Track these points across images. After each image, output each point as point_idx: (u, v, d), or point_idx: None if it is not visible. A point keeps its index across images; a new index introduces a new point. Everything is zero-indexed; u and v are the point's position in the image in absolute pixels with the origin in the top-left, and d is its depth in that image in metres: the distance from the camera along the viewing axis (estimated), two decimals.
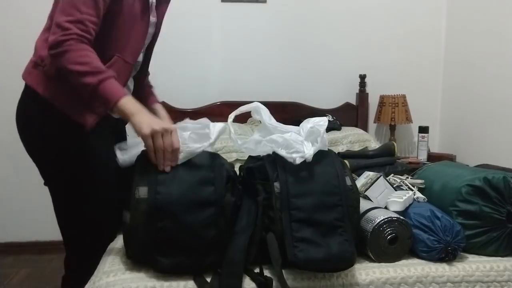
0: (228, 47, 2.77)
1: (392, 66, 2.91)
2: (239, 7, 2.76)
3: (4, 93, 2.65)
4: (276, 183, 1.06)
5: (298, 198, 1.04)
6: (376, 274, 1.07)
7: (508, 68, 2.31)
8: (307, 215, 1.02)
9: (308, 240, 1.00)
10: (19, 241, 2.72)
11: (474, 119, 2.61)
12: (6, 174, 2.70)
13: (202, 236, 1.01)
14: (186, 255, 1.01)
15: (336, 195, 1.05)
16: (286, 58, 2.83)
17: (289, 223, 1.02)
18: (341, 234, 1.02)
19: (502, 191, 1.16)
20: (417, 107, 2.87)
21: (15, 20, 2.62)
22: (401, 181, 1.38)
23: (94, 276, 1.06)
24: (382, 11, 2.87)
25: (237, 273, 0.99)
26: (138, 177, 1.05)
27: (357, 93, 2.87)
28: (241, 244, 1.02)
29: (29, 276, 2.38)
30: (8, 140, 2.66)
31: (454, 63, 2.82)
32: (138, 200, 1.02)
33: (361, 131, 2.63)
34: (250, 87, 2.76)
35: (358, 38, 2.87)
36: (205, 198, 1.03)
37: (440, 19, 2.92)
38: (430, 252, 1.12)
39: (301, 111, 2.73)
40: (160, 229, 1.00)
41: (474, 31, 2.59)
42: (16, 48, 2.62)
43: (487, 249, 1.16)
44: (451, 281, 1.08)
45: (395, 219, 1.12)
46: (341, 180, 1.07)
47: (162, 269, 1.02)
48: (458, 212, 1.18)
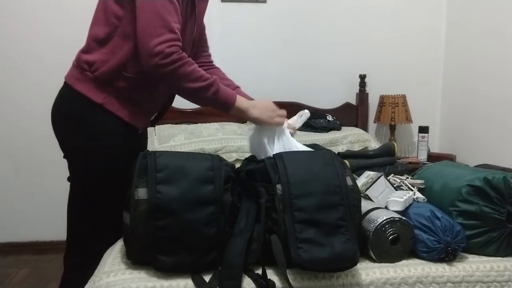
0: (228, 47, 2.76)
1: (392, 66, 2.91)
2: (239, 7, 2.76)
3: (4, 94, 2.65)
4: (278, 185, 1.06)
5: (300, 199, 1.04)
6: (376, 274, 1.07)
7: (508, 68, 2.31)
8: (309, 215, 1.02)
9: (312, 240, 1.00)
10: (19, 241, 2.72)
11: (474, 119, 2.61)
12: (6, 174, 2.69)
13: (203, 234, 1.02)
14: (187, 253, 1.02)
15: (338, 195, 1.05)
16: (286, 58, 2.83)
17: (292, 224, 1.02)
18: (344, 234, 1.02)
19: (502, 191, 1.16)
20: (417, 107, 2.87)
21: (15, 20, 2.62)
22: (401, 181, 1.38)
23: (94, 276, 1.07)
24: (382, 11, 2.87)
25: (236, 276, 0.99)
26: (136, 178, 1.05)
27: (357, 93, 2.87)
28: (239, 247, 1.02)
29: (29, 276, 2.38)
30: (8, 140, 2.67)
31: (454, 63, 2.82)
32: (138, 201, 1.02)
33: (361, 131, 2.63)
34: (250, 87, 2.72)
35: (358, 38, 2.87)
36: (205, 196, 1.03)
37: (440, 19, 2.92)
38: (430, 252, 1.12)
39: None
40: (160, 228, 1.00)
41: (474, 31, 2.59)
42: (16, 48, 2.63)
43: (487, 249, 1.16)
44: (451, 281, 1.08)
45: (397, 220, 1.12)
46: (342, 180, 1.07)
47: (163, 267, 1.02)
48: (458, 212, 1.18)
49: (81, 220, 1.32)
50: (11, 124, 2.64)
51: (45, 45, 2.65)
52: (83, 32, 1.33)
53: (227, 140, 2.29)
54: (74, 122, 1.27)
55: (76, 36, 1.58)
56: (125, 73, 1.24)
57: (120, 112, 1.26)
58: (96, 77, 1.23)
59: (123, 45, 1.23)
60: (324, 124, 2.57)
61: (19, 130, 2.66)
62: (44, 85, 2.58)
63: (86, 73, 1.24)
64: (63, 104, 1.30)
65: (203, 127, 2.43)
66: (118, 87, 1.25)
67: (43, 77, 2.62)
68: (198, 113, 2.62)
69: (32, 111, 2.62)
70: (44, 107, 1.50)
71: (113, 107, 1.25)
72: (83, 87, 1.25)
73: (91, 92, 1.24)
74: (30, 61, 2.65)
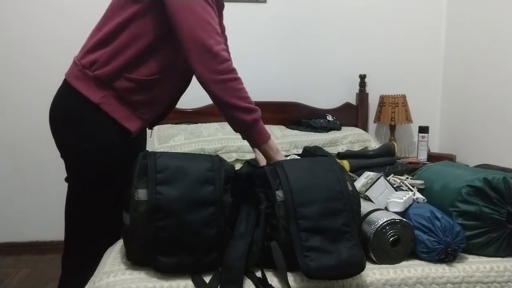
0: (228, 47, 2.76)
1: (392, 66, 2.91)
2: (239, 7, 2.76)
3: (5, 93, 2.65)
4: (278, 191, 1.06)
5: (303, 207, 1.03)
6: (376, 276, 1.07)
7: (508, 68, 2.31)
8: (314, 223, 1.02)
9: (318, 248, 0.99)
10: (19, 241, 2.72)
11: (474, 119, 2.61)
12: (6, 174, 2.70)
13: (203, 234, 1.02)
14: (187, 253, 1.02)
15: (341, 200, 1.05)
16: (286, 58, 2.83)
17: (298, 233, 1.01)
18: (349, 239, 1.02)
19: (502, 191, 1.16)
20: (417, 107, 2.87)
21: (15, 20, 2.62)
22: (401, 182, 1.38)
23: (94, 276, 1.06)
24: (382, 10, 2.87)
25: (237, 280, 0.98)
26: (136, 179, 1.05)
27: (357, 93, 2.87)
28: (240, 250, 1.02)
29: (29, 276, 2.38)
30: (8, 140, 2.67)
31: (454, 62, 2.82)
32: (138, 202, 1.02)
33: (361, 131, 2.63)
34: (250, 87, 2.71)
35: (358, 38, 2.87)
36: (205, 197, 1.03)
37: (440, 18, 2.92)
38: (430, 253, 1.12)
39: (301, 111, 2.74)
40: (161, 228, 1.00)
41: (474, 31, 2.59)
42: (16, 48, 2.63)
43: (487, 249, 1.16)
44: (451, 282, 1.08)
45: (398, 221, 1.12)
46: (343, 185, 1.07)
47: (163, 268, 1.02)
48: (458, 212, 1.18)
49: (78, 221, 1.31)
50: (11, 124, 2.64)
51: (46, 44, 2.65)
52: (84, 31, 1.32)
53: (227, 140, 2.29)
54: (70, 121, 1.25)
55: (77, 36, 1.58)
56: (127, 74, 1.22)
57: (115, 114, 1.23)
58: (96, 76, 1.21)
59: (130, 46, 1.20)
60: (324, 124, 2.57)
61: (19, 130, 2.66)
62: (44, 84, 2.59)
63: (86, 72, 1.22)
64: (61, 102, 1.27)
65: (203, 127, 2.43)
66: (118, 88, 1.22)
67: (43, 77, 2.62)
68: (198, 113, 2.62)
69: (33, 110, 2.62)
70: (45, 106, 1.49)
71: (109, 108, 1.22)
72: (81, 86, 1.22)
73: (89, 91, 1.21)
74: (31, 60, 2.65)
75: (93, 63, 1.21)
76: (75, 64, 1.26)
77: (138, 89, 1.25)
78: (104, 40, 1.21)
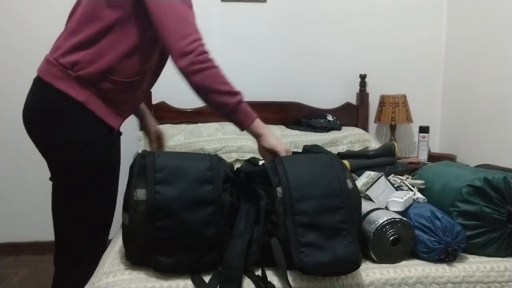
0: (228, 47, 2.76)
1: (393, 66, 2.90)
2: (239, 7, 2.76)
3: (5, 94, 2.65)
4: (278, 188, 1.06)
5: (301, 202, 1.03)
6: (376, 275, 1.06)
7: (508, 68, 2.30)
8: (311, 219, 1.02)
9: (314, 244, 0.99)
10: (19, 241, 2.72)
11: (474, 119, 2.60)
12: (6, 174, 2.70)
13: (202, 234, 1.02)
14: (186, 253, 1.01)
15: (339, 198, 1.05)
16: (286, 57, 2.83)
17: (294, 228, 1.01)
18: (345, 237, 1.02)
19: (502, 191, 1.15)
20: (418, 107, 2.86)
21: (15, 20, 2.62)
22: (401, 182, 1.38)
23: (94, 276, 1.06)
24: (382, 10, 2.86)
25: (237, 278, 0.98)
26: (135, 179, 1.05)
27: (358, 93, 2.87)
28: (239, 249, 1.01)
29: (28, 276, 2.38)
30: (8, 140, 2.67)
31: (455, 62, 2.82)
32: (137, 201, 1.02)
33: (361, 131, 2.63)
34: (250, 87, 2.73)
35: (359, 38, 2.87)
36: (204, 196, 1.03)
37: (441, 18, 2.91)
38: (430, 252, 1.12)
39: (301, 111, 2.73)
40: (160, 228, 1.00)
41: (475, 31, 2.59)
42: (16, 49, 2.63)
43: (488, 249, 1.16)
44: (451, 282, 1.08)
45: (398, 220, 1.11)
46: (342, 182, 1.07)
47: (162, 268, 1.02)
48: (458, 212, 1.17)
49: (66, 219, 1.31)
50: (11, 124, 2.64)
51: (46, 45, 2.64)
52: None
53: (227, 140, 2.29)
54: (53, 120, 1.25)
55: None
56: (111, 76, 1.25)
57: (99, 112, 1.26)
58: (80, 76, 1.23)
59: (113, 48, 1.24)
60: (324, 124, 2.57)
61: (19, 130, 2.65)
62: None
63: (68, 72, 1.23)
64: (41, 101, 1.27)
65: (203, 127, 2.43)
66: (102, 88, 1.26)
67: None
68: (198, 113, 2.62)
69: None
70: None
71: (93, 106, 1.25)
72: (64, 85, 1.23)
73: (73, 90, 1.23)
74: (30, 60, 2.65)
75: (75, 64, 1.23)
76: (52, 64, 1.26)
77: (121, 90, 1.29)
78: (85, 42, 1.23)
